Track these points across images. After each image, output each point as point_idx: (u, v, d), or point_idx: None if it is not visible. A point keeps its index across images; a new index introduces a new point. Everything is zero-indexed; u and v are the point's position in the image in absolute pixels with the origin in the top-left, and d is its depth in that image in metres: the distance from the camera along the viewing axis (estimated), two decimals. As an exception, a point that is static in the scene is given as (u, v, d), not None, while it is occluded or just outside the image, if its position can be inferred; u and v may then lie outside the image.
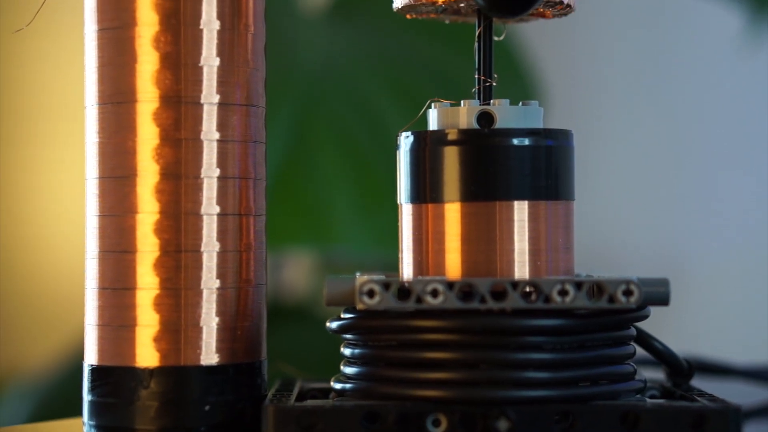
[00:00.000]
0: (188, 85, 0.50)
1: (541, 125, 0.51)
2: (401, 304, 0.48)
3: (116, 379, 0.50)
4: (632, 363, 0.50)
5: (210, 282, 0.50)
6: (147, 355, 0.50)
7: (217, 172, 0.50)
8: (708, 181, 1.23)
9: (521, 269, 0.50)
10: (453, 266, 0.50)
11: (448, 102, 0.51)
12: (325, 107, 1.03)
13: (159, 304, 0.50)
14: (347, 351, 0.51)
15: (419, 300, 0.48)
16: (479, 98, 0.52)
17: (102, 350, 0.50)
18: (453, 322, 0.48)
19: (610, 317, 0.49)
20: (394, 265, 0.53)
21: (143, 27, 0.50)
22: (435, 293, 0.48)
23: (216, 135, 0.50)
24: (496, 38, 0.53)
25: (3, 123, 1.25)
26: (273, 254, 1.03)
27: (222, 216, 0.50)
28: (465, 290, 0.48)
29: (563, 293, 0.48)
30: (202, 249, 0.50)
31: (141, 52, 0.50)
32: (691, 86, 1.23)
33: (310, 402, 0.49)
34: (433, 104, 0.52)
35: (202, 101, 0.50)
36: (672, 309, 0.51)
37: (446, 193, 0.50)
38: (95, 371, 0.50)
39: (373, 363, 0.50)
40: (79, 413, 0.52)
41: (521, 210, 0.50)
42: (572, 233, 0.51)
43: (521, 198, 0.50)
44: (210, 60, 0.50)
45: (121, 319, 0.50)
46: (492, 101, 0.51)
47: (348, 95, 1.04)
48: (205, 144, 0.50)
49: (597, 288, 0.48)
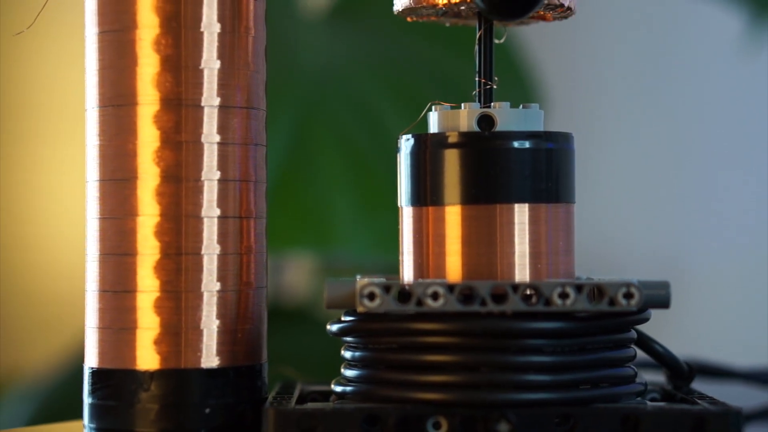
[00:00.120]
0: (189, 88, 0.50)
1: (542, 128, 0.51)
2: (402, 307, 0.48)
3: (117, 382, 0.50)
4: (633, 366, 0.50)
5: (210, 285, 0.50)
6: (147, 358, 0.50)
7: (218, 175, 0.50)
8: (708, 185, 1.23)
9: (522, 272, 0.50)
10: (453, 269, 0.50)
11: (449, 105, 0.51)
12: (326, 110, 1.03)
13: (159, 307, 0.50)
14: (347, 354, 0.51)
15: (420, 303, 0.48)
16: (480, 101, 0.52)
17: (102, 353, 0.50)
18: (453, 325, 0.48)
19: (611, 320, 0.49)
20: (395, 268, 0.53)
21: (144, 30, 0.50)
22: (435, 296, 0.48)
23: (216, 138, 0.50)
24: (497, 41, 0.53)
25: (3, 123, 1.25)
26: (273, 257, 1.03)
27: (222, 219, 0.50)
28: (465, 293, 0.48)
29: (564, 296, 0.48)
30: (203, 252, 0.50)
31: (141, 55, 0.50)
32: (691, 89, 1.23)
33: (311, 405, 0.49)
34: (434, 107, 0.52)
35: (203, 104, 0.50)
36: (672, 311, 0.51)
37: (447, 196, 0.50)
38: (96, 374, 0.50)
39: (374, 366, 0.50)
40: (80, 416, 0.52)
41: (522, 213, 0.50)
42: (573, 236, 0.51)
43: (522, 201, 0.50)
44: (210, 63, 0.50)
45: (122, 322, 0.50)
46: (492, 104, 0.51)
47: (348, 98, 1.04)
48: (206, 147, 0.50)
49: (597, 291, 0.48)
